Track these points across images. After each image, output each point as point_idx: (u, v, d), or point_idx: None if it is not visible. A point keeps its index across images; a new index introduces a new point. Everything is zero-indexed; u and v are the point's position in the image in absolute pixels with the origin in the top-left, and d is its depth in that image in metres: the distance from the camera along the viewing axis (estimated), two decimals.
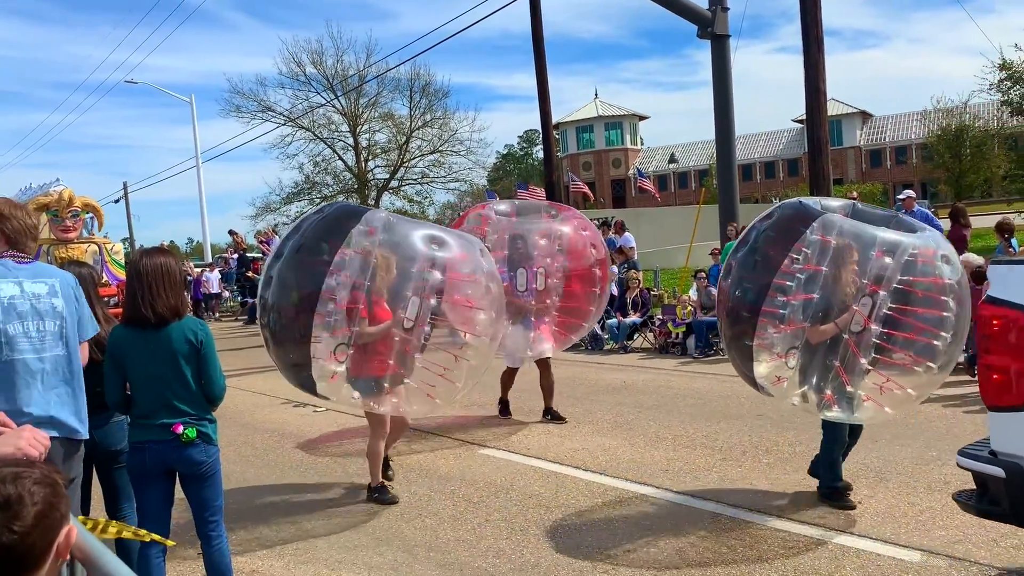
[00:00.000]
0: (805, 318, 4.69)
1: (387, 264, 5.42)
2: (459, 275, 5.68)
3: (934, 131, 48.45)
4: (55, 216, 15.09)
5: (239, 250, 25.03)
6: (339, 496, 6.07)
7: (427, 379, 5.71)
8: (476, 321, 5.82)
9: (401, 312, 5.37)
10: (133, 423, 3.82)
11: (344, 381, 5.57)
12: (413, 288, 5.41)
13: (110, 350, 3.74)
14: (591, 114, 67.91)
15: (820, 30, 13.64)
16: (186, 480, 3.80)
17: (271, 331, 5.63)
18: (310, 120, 45.10)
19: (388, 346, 5.44)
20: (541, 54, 19.67)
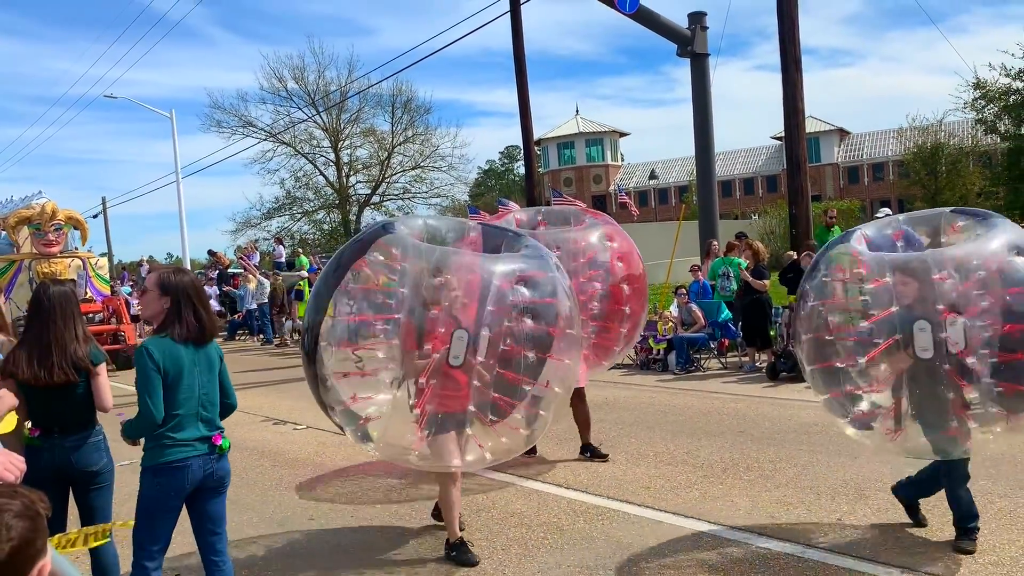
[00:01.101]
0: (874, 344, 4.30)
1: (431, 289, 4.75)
2: (541, 299, 4.91)
3: (910, 149, 49.05)
4: (37, 230, 14.77)
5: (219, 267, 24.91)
6: (320, 515, 6.02)
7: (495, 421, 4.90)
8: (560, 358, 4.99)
9: (461, 344, 4.58)
10: (168, 442, 3.63)
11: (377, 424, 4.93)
12: (482, 317, 4.67)
13: (163, 361, 3.61)
14: (572, 130, 68.19)
15: (798, 50, 13.81)
16: (206, 496, 3.80)
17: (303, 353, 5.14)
18: (291, 135, 45.14)
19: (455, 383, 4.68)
20: (523, 72, 19.76)
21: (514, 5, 19.10)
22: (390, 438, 4.92)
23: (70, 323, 3.99)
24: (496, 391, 4.69)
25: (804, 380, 9.93)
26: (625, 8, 15.81)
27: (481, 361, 4.60)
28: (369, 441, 4.96)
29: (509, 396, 4.74)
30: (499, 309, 4.66)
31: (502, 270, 4.85)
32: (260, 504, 6.38)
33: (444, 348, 4.55)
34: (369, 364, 4.85)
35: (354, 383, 4.84)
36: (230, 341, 21.58)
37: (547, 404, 4.95)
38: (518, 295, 4.78)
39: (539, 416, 4.95)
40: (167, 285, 3.75)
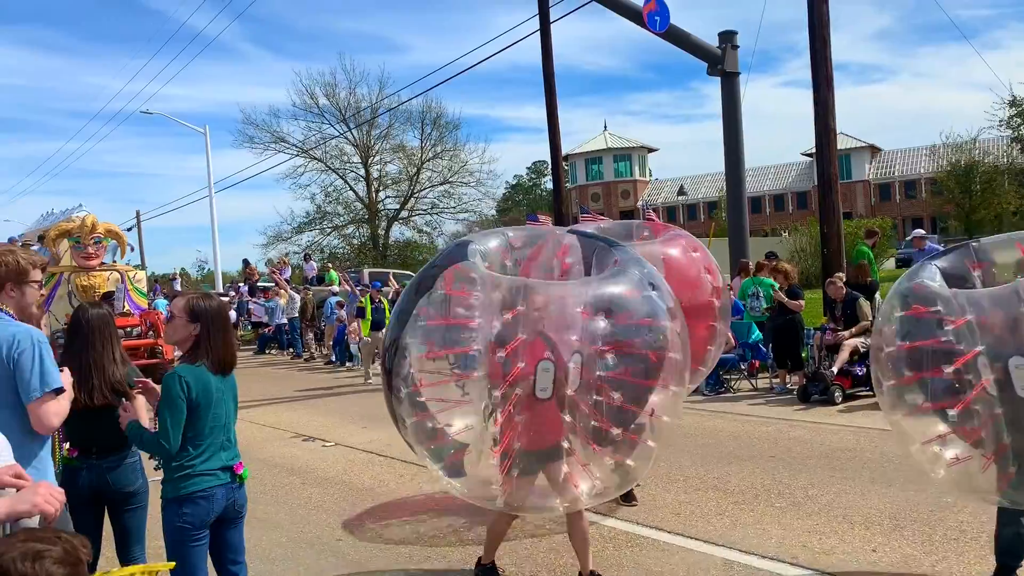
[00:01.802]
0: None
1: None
2: (632, 320, 4.53)
3: (943, 166, 48.46)
4: (77, 243, 14.85)
5: (249, 281, 25.15)
6: (347, 536, 6.03)
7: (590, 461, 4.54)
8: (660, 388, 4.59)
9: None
10: (192, 472, 3.58)
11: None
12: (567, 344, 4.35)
13: (196, 390, 3.56)
14: (600, 146, 68.25)
15: (830, 69, 13.70)
16: (225, 526, 3.75)
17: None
18: (322, 151, 45.56)
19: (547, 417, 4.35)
20: (552, 91, 19.81)
21: (544, 24, 19.18)
22: (478, 477, 4.60)
23: (108, 346, 4.06)
24: (593, 424, 4.30)
25: (835, 404, 9.85)
26: (656, 28, 15.81)
27: (572, 393, 4.25)
28: (459, 477, 4.68)
29: (607, 429, 4.33)
30: (586, 336, 4.30)
31: (586, 295, 4.46)
32: (289, 523, 6.41)
33: (528, 381, 4.22)
34: (452, 396, 4.63)
35: (440, 414, 4.64)
36: (260, 355, 21.79)
37: (653, 435, 4.54)
38: (607, 320, 4.39)
39: (643, 448, 4.56)
40: (197, 311, 3.67)
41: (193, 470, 3.58)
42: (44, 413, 3.15)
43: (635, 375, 4.39)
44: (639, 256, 5.01)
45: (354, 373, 16.65)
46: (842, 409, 9.77)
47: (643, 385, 4.45)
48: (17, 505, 2.09)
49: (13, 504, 2.11)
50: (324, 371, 17.69)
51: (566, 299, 4.49)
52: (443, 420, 4.67)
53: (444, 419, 4.67)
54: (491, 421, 4.41)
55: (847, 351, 10.22)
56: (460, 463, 4.62)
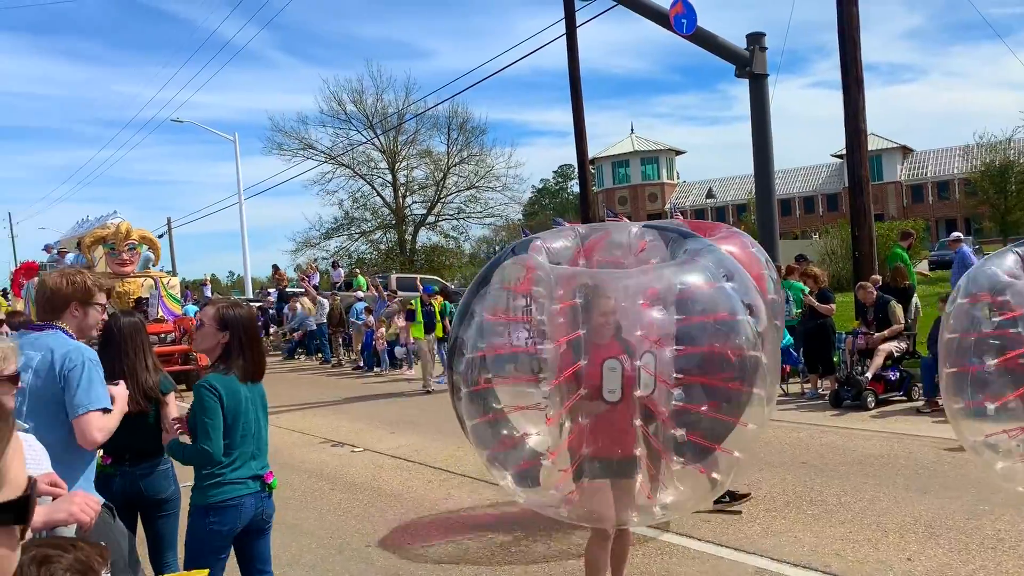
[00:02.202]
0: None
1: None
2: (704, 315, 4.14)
3: (977, 167, 47.72)
4: (112, 249, 15.01)
5: (279, 287, 25.37)
6: (376, 542, 6.05)
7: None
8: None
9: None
10: (222, 480, 3.57)
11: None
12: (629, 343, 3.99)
13: (227, 400, 3.55)
14: (627, 149, 68.06)
15: (860, 70, 13.55)
16: (252, 536, 3.72)
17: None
18: (350, 157, 45.87)
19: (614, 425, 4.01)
20: (578, 95, 19.79)
21: (570, 28, 19.17)
22: (548, 487, 4.27)
23: (140, 354, 4.10)
24: (670, 433, 3.95)
25: (868, 409, 9.71)
26: (682, 30, 15.71)
27: (645, 395, 3.91)
28: (529, 488, 4.38)
29: (686, 439, 3.95)
30: (657, 332, 3.94)
31: (656, 286, 4.10)
32: (318, 528, 6.44)
33: (594, 381, 3.89)
34: (517, 398, 4.40)
35: (506, 417, 4.38)
36: (289, 360, 21.96)
37: (738, 444, 4.15)
38: (677, 314, 4.02)
39: (727, 460, 4.18)
40: (226, 320, 3.65)
41: (223, 478, 3.56)
42: (88, 427, 3.18)
43: (713, 377, 4.03)
44: (712, 244, 4.62)
45: (382, 378, 16.73)
46: (875, 415, 9.63)
47: (724, 389, 4.06)
48: (54, 513, 2.12)
49: (50, 512, 2.14)
50: (352, 376, 17.79)
51: (632, 290, 4.09)
52: (509, 423, 4.43)
53: (511, 423, 4.43)
54: (559, 426, 4.10)
55: (882, 356, 10.08)
56: (531, 472, 4.30)
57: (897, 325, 10.29)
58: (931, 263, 32.19)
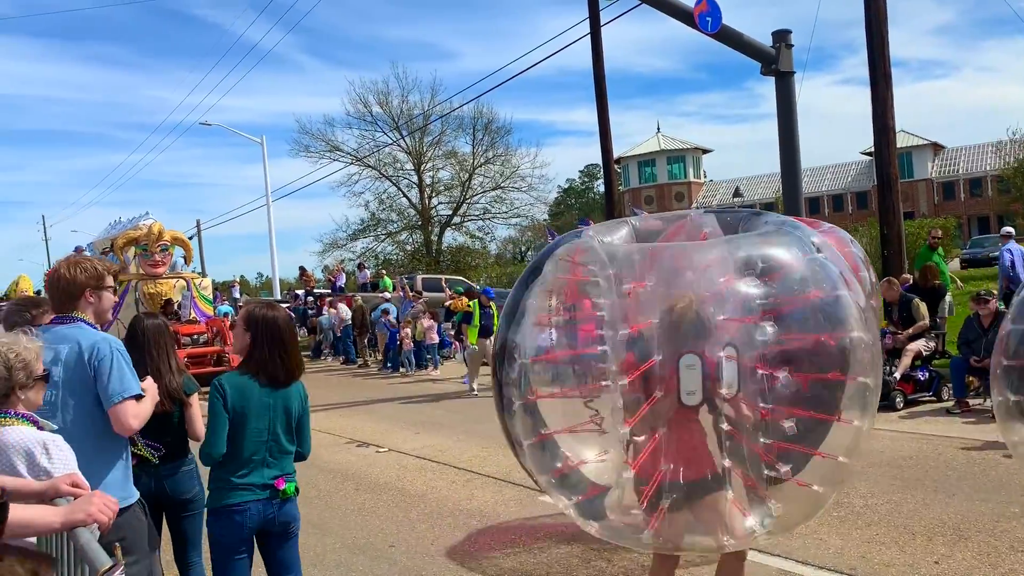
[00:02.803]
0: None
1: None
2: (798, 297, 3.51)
3: (1010, 163, 46.89)
4: (144, 250, 15.10)
5: (307, 288, 25.58)
6: (400, 542, 6.07)
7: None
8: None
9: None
10: (224, 485, 3.58)
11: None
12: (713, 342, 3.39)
13: (233, 400, 3.55)
14: (653, 148, 67.74)
15: (888, 66, 13.39)
16: (273, 541, 3.69)
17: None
18: (376, 159, 46.06)
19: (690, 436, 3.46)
20: (603, 95, 19.74)
21: (595, 28, 19.12)
22: (615, 514, 3.75)
23: (163, 355, 4.15)
24: (762, 439, 3.39)
25: (896, 410, 9.58)
26: (707, 28, 15.60)
27: (730, 395, 3.35)
28: (597, 520, 3.83)
29: (783, 441, 3.39)
30: (739, 316, 3.35)
31: (733, 258, 3.46)
32: (342, 528, 6.48)
33: (670, 383, 3.33)
34: (579, 412, 3.79)
35: (566, 440, 3.83)
36: (316, 361, 22.14)
37: (843, 447, 3.55)
38: (767, 293, 3.39)
39: (831, 467, 3.59)
40: (251, 320, 3.67)
41: (228, 483, 3.57)
42: (123, 415, 3.25)
43: (811, 368, 3.42)
44: (791, 219, 4.08)
45: (408, 379, 16.80)
46: (903, 415, 9.50)
47: (824, 381, 3.44)
48: (72, 514, 2.15)
49: (69, 513, 2.17)
50: (377, 377, 17.88)
51: (712, 265, 3.48)
52: (571, 444, 3.85)
53: (572, 443, 3.85)
54: (627, 442, 3.51)
55: (910, 356, 9.94)
56: (597, 502, 3.77)
57: (922, 322, 10.14)
58: (963, 261, 31.71)
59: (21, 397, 2.60)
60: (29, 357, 2.64)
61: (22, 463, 2.49)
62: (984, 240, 35.61)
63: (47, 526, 2.18)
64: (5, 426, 2.54)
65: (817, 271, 3.56)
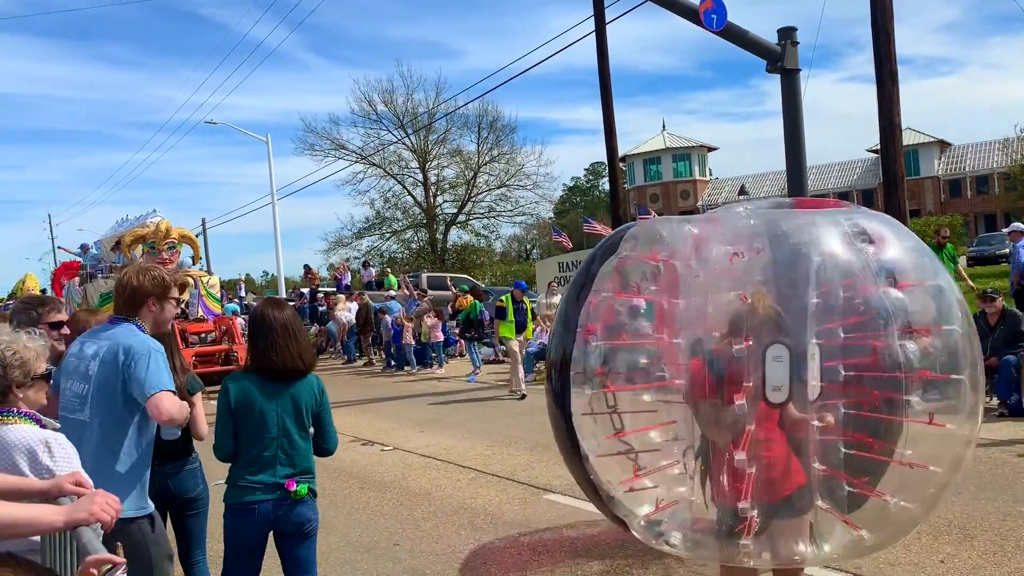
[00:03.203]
0: None
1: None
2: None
3: (1017, 160, 46.72)
4: (152, 248, 15.06)
5: (312, 286, 25.61)
6: (404, 541, 6.07)
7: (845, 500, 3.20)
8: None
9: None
10: (236, 482, 3.60)
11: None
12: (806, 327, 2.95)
13: (236, 398, 3.57)
14: (659, 146, 67.61)
15: (894, 64, 13.32)
16: (287, 540, 3.68)
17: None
18: (381, 157, 46.13)
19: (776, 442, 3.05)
20: (608, 92, 19.71)
21: (600, 26, 19.09)
22: (688, 530, 3.39)
23: (168, 354, 4.15)
24: (843, 450, 3.04)
25: None
26: (713, 25, 15.56)
27: (822, 387, 2.92)
28: (675, 538, 3.49)
29: (880, 443, 3.02)
30: (833, 298, 2.90)
31: (822, 232, 3.01)
32: (346, 527, 6.48)
33: (753, 379, 2.89)
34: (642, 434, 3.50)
35: (641, 448, 3.55)
36: (320, 357, 22.19)
37: (938, 454, 3.16)
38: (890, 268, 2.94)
39: (922, 478, 3.22)
40: (252, 317, 3.72)
41: (238, 480, 3.59)
42: (161, 405, 3.27)
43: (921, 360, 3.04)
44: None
45: (413, 377, 16.81)
46: None
47: (927, 379, 3.05)
48: (75, 513, 2.15)
49: (71, 512, 2.17)
50: (382, 375, 17.89)
51: (808, 237, 2.99)
52: (646, 458, 3.55)
53: (648, 456, 3.55)
54: (702, 460, 3.19)
55: None
56: (668, 518, 3.47)
57: None
58: (970, 259, 31.60)
59: (20, 396, 2.60)
60: (27, 356, 2.64)
61: (24, 461, 2.49)
62: (991, 238, 35.47)
63: (50, 525, 2.18)
64: (7, 425, 2.54)
65: (919, 259, 3.15)
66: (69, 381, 3.36)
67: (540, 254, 54.26)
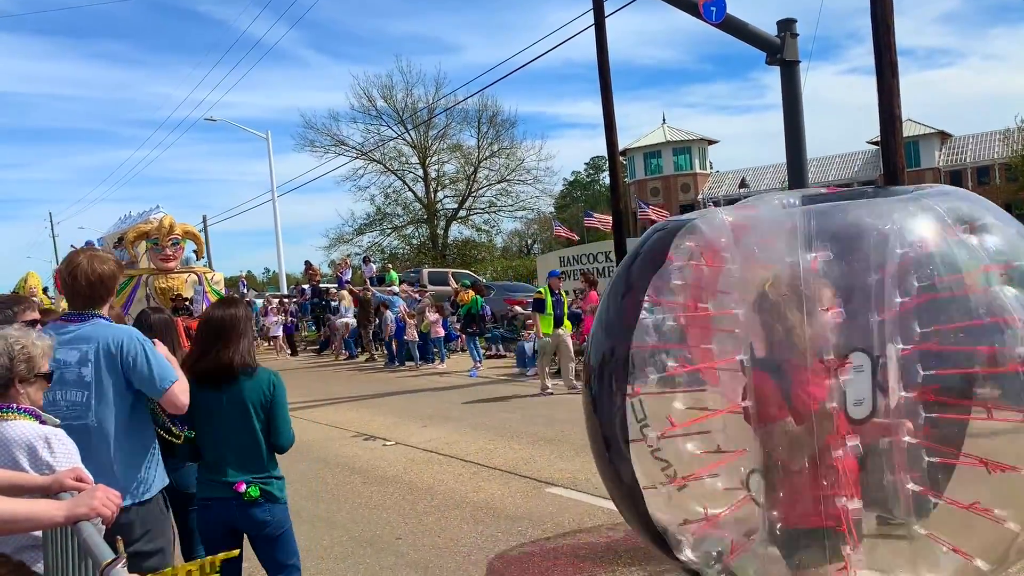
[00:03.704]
0: None
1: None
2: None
3: (1018, 151, 46.67)
4: (155, 244, 14.96)
5: (312, 282, 25.63)
6: (407, 535, 6.08)
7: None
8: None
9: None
10: (200, 478, 3.78)
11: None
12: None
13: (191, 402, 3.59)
14: (659, 139, 67.52)
15: (894, 55, 13.28)
16: (254, 542, 3.75)
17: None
18: (381, 153, 46.10)
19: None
20: (608, 87, 19.66)
21: (599, 19, 19.05)
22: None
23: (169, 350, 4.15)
24: (927, 459, 2.63)
25: None
26: (712, 18, 15.54)
27: (907, 399, 2.51)
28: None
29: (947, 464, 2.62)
30: (931, 298, 2.48)
31: (912, 221, 2.61)
32: (349, 522, 6.49)
33: (833, 392, 2.50)
34: (690, 457, 3.02)
35: (680, 493, 3.09)
36: (323, 353, 22.19)
37: (1010, 498, 2.73)
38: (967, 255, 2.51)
39: (996, 529, 2.74)
40: (200, 317, 3.81)
41: (202, 477, 3.76)
42: (175, 397, 3.37)
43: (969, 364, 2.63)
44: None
45: (415, 372, 16.82)
46: None
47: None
48: (76, 508, 2.15)
49: (72, 507, 2.17)
50: (384, 371, 17.91)
51: (894, 229, 2.59)
52: (705, 489, 3.05)
53: (706, 487, 3.04)
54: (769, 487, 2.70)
55: None
56: (744, 566, 3.00)
57: None
58: None
59: (21, 391, 2.60)
60: (35, 352, 2.64)
61: (24, 457, 2.49)
62: None
63: (51, 520, 2.18)
64: (7, 421, 2.54)
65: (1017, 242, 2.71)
66: (58, 392, 3.24)
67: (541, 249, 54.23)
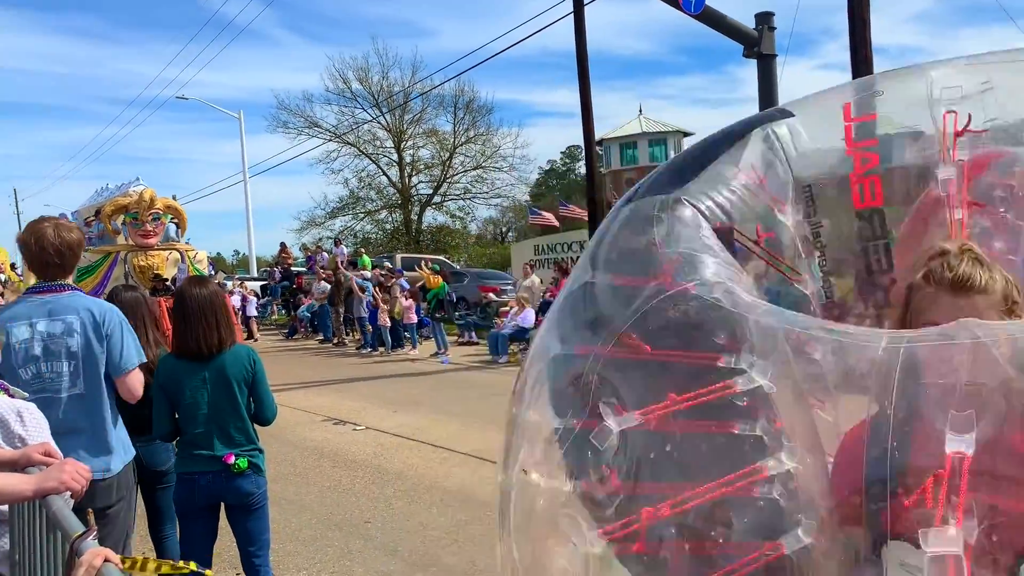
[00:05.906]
0: None
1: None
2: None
3: None
4: (135, 219, 14.35)
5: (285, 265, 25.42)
6: (376, 518, 6.09)
7: None
8: None
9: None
10: (182, 454, 3.77)
11: None
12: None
13: (160, 381, 3.68)
14: (635, 130, 67.67)
15: (869, 50, 13.42)
16: (234, 512, 3.77)
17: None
18: (355, 136, 45.72)
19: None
20: (586, 75, 19.68)
21: (578, 7, 19.04)
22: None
23: (141, 328, 4.11)
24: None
25: None
26: (690, 9, 15.61)
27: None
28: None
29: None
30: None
31: None
32: (318, 505, 6.48)
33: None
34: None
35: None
36: (292, 337, 22.05)
37: None
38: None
39: None
40: (175, 297, 3.82)
41: (184, 452, 3.76)
42: (132, 383, 3.50)
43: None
44: None
45: (386, 358, 16.79)
46: None
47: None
48: (45, 482, 2.13)
49: (41, 481, 2.15)
50: (356, 355, 17.84)
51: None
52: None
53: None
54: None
55: None
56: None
57: None
58: None
59: None
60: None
61: None
62: None
63: (19, 494, 2.16)
64: None
65: None
66: (43, 364, 3.30)
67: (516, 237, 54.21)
